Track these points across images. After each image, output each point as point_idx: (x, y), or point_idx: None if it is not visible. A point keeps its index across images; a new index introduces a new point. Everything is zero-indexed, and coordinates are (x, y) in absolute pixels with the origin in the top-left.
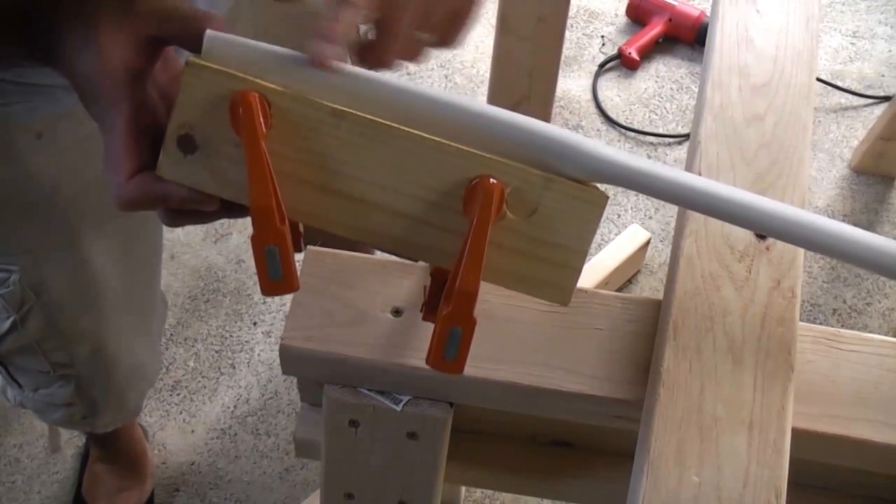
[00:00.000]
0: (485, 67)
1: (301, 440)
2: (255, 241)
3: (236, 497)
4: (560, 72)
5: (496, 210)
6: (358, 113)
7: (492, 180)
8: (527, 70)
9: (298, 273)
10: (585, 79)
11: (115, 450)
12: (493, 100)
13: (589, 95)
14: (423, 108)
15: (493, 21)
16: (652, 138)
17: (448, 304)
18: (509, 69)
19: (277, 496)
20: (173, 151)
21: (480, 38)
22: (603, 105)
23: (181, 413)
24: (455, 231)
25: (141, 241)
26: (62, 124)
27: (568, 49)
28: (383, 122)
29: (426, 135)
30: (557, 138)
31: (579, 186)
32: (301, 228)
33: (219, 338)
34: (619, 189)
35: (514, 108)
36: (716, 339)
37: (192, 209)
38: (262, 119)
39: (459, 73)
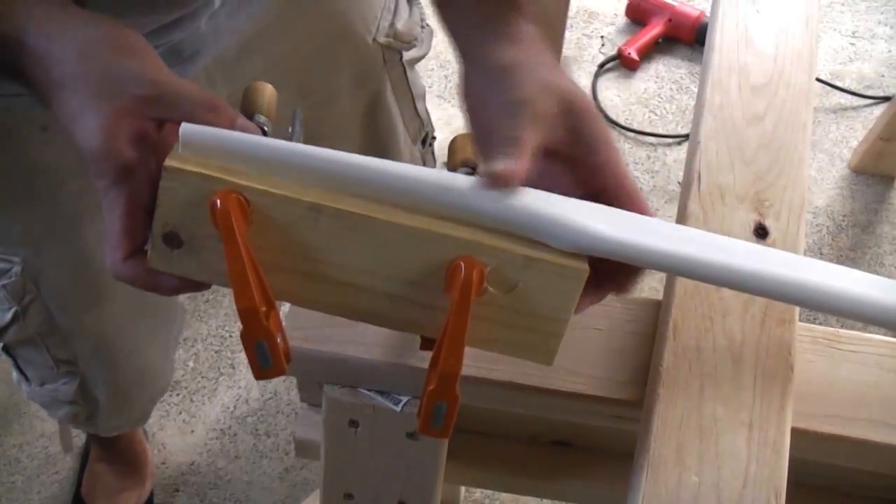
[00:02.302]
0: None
1: (301, 440)
2: (244, 338)
3: (236, 497)
4: None
5: (475, 291)
6: (335, 206)
7: (471, 262)
8: None
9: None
10: (585, 79)
11: (114, 450)
12: None
13: (589, 96)
14: (404, 188)
15: None
16: (651, 139)
17: (432, 381)
18: None
19: (277, 496)
20: (160, 247)
21: None
22: (603, 105)
23: (181, 413)
24: (439, 307)
25: None
26: None
27: (568, 49)
28: (360, 212)
29: (403, 222)
30: (542, 216)
31: (560, 263)
32: None
33: (218, 338)
34: None
35: None
36: (715, 339)
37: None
38: (241, 218)
39: None
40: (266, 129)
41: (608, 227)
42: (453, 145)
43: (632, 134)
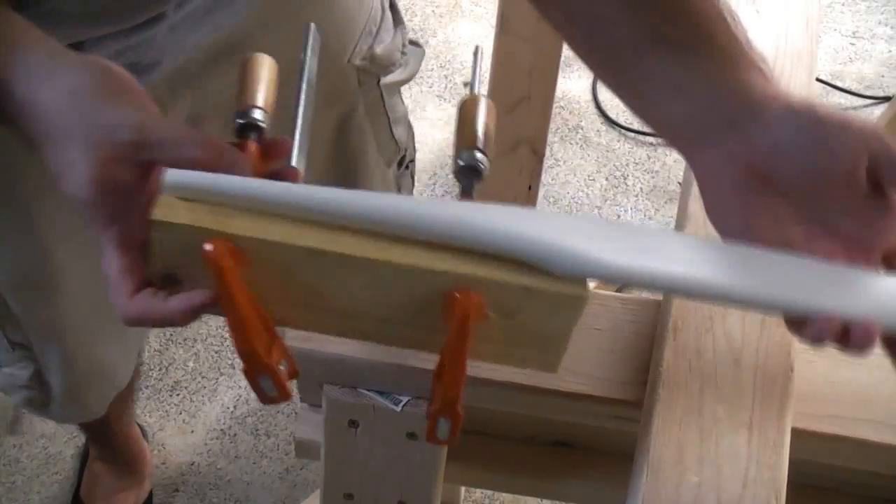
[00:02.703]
0: (485, 67)
1: (301, 440)
2: (246, 374)
3: (236, 497)
4: (560, 72)
5: (474, 321)
6: (331, 249)
7: (468, 294)
8: (527, 70)
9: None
10: (585, 79)
11: (112, 450)
12: (493, 100)
13: (589, 96)
14: (397, 221)
15: (493, 21)
16: (652, 139)
17: (436, 400)
18: (509, 69)
19: (277, 496)
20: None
21: (480, 38)
22: (603, 105)
23: (181, 413)
24: (440, 329)
25: None
26: None
27: (568, 49)
28: (359, 255)
29: (399, 261)
30: (540, 241)
31: (559, 292)
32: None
33: (219, 338)
34: (620, 189)
35: (514, 108)
36: (715, 340)
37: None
38: (235, 263)
39: (459, 73)
40: (263, 125)
41: (613, 252)
42: (462, 114)
43: (632, 134)
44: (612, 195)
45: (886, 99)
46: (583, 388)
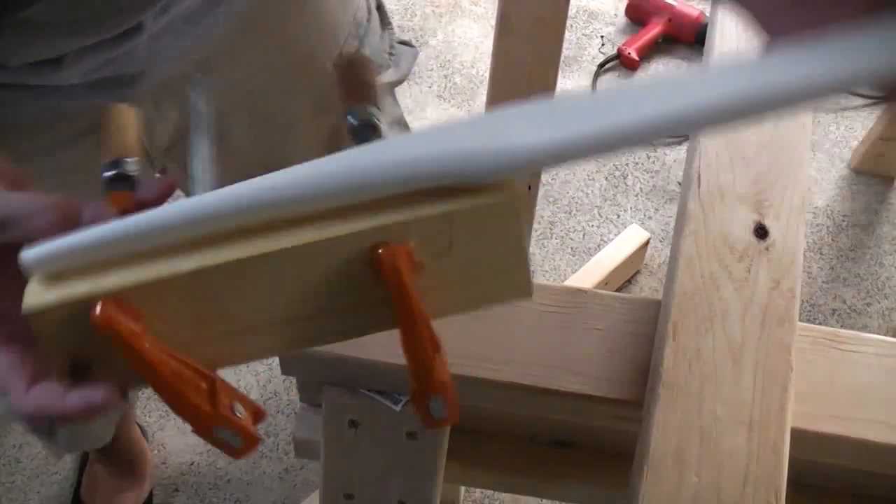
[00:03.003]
0: (485, 67)
1: (300, 440)
2: (202, 433)
3: (236, 497)
4: (560, 72)
5: (411, 275)
6: (215, 262)
7: (390, 248)
8: (527, 70)
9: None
10: (585, 79)
11: (112, 450)
12: (493, 100)
13: None
14: (278, 201)
15: (493, 21)
16: None
17: (415, 381)
18: (509, 69)
19: (277, 496)
20: (73, 377)
21: (480, 38)
22: None
23: None
24: (382, 300)
25: None
26: None
27: (568, 49)
28: (245, 256)
29: (295, 243)
30: (441, 157)
31: (483, 202)
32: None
33: None
34: (619, 189)
35: None
36: (715, 340)
37: None
38: (131, 322)
39: (459, 73)
40: (134, 174)
41: (527, 133)
42: (345, 74)
43: None
44: (612, 195)
45: None
46: (583, 388)
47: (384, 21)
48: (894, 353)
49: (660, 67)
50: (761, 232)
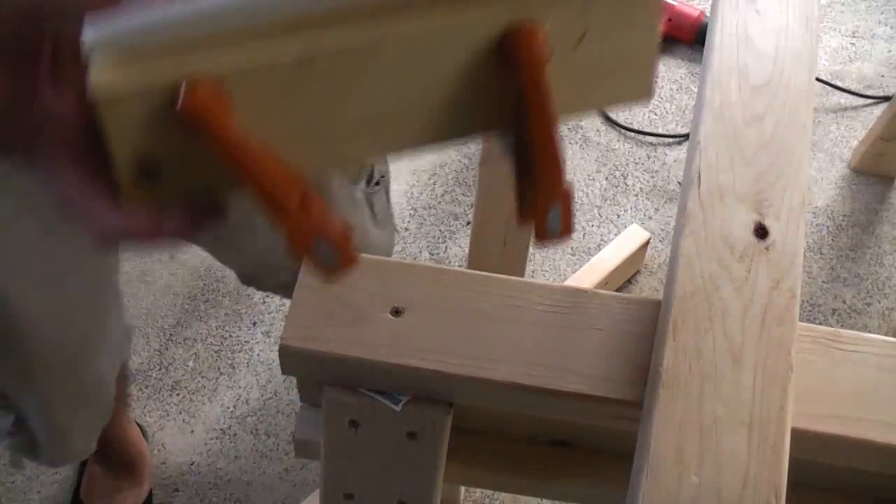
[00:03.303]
0: None
1: (301, 440)
2: (297, 248)
3: (236, 497)
4: None
5: (544, 64)
6: (327, 46)
7: (524, 30)
8: None
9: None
10: None
11: (112, 450)
12: None
13: None
14: None
15: None
16: (652, 138)
17: (542, 187)
18: None
19: (277, 496)
20: (139, 183)
21: None
22: None
23: (180, 413)
24: (496, 101)
25: (76, 276)
26: None
27: None
28: (360, 42)
29: (414, 27)
30: None
31: None
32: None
33: (218, 338)
34: (619, 189)
35: None
36: (715, 340)
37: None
38: (222, 111)
39: None
40: None
41: None
42: None
43: (632, 134)
44: (612, 195)
45: (886, 99)
46: (583, 388)
47: None
48: (894, 353)
49: (660, 67)
50: (761, 232)
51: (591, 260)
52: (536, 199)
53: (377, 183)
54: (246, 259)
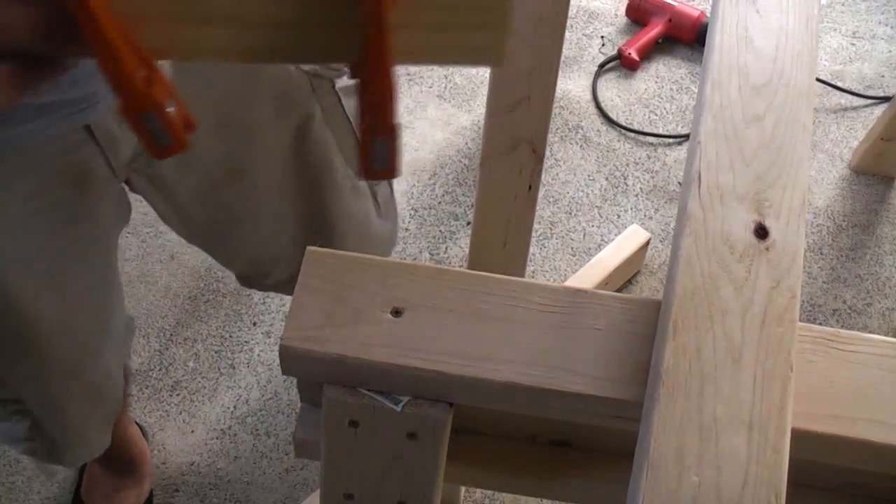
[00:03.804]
0: (485, 68)
1: (301, 440)
2: (128, 115)
3: (236, 497)
4: (560, 72)
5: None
6: None
7: None
8: (527, 70)
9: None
10: (585, 79)
11: (112, 450)
12: (492, 100)
13: (589, 96)
14: None
15: None
16: (652, 139)
17: (364, 118)
18: (509, 69)
19: (277, 496)
20: None
21: None
22: (603, 105)
23: (181, 413)
24: (349, 24)
25: (80, 273)
26: None
27: (568, 49)
28: None
29: None
30: None
31: None
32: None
33: (218, 338)
34: (619, 189)
35: (513, 108)
36: (715, 340)
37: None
38: None
39: (459, 73)
40: None
41: None
42: None
43: (632, 134)
44: (612, 195)
45: (886, 99)
46: (583, 388)
47: None
48: (894, 354)
49: (660, 67)
50: (761, 232)
51: (591, 260)
52: (362, 129)
53: None
54: (245, 253)
